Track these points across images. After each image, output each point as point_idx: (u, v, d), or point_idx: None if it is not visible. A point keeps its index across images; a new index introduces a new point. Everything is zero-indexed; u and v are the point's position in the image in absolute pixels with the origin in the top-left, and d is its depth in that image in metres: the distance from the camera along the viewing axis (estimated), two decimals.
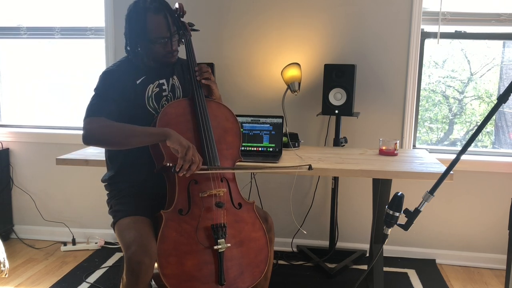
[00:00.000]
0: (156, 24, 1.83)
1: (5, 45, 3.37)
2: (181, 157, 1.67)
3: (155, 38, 1.85)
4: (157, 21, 1.83)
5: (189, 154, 1.67)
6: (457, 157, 1.39)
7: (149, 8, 1.82)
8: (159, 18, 1.83)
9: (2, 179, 3.25)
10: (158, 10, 1.83)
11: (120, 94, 1.85)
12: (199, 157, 1.71)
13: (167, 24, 1.84)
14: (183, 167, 1.66)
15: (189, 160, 1.67)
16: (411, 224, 1.47)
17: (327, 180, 3.05)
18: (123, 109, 1.86)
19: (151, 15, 1.82)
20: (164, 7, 1.85)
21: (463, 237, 2.97)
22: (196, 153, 1.70)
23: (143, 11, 1.83)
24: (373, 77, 2.91)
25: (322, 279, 2.70)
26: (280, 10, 2.93)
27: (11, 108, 3.44)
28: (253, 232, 1.82)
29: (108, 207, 1.97)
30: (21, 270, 2.81)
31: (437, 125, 3.18)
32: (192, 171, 1.68)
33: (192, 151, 1.68)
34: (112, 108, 1.82)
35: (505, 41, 2.98)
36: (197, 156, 1.71)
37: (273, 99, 2.99)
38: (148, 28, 1.83)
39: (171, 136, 1.70)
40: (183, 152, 1.67)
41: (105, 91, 1.85)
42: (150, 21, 1.83)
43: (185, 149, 1.68)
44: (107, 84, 1.86)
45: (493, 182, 2.89)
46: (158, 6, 1.84)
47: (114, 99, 1.83)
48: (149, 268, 1.59)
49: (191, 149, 1.68)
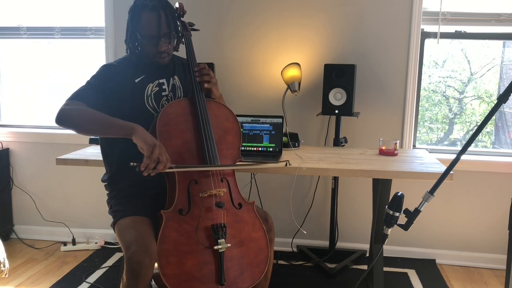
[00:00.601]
0: (147, 21, 1.84)
1: (5, 45, 3.37)
2: (146, 156, 1.61)
3: (143, 35, 1.86)
4: (149, 18, 1.83)
5: (155, 153, 1.61)
6: (457, 157, 1.39)
7: (147, 5, 1.84)
8: (152, 16, 1.83)
9: (2, 179, 3.25)
10: (154, 8, 1.83)
11: (116, 90, 1.86)
12: (166, 157, 1.65)
13: (158, 23, 1.83)
14: (149, 167, 1.60)
15: (154, 160, 1.61)
16: (411, 224, 1.47)
17: (327, 180, 3.05)
18: (119, 106, 1.86)
19: (146, 11, 1.84)
20: (162, 7, 1.85)
21: (463, 237, 2.97)
22: (163, 152, 1.65)
23: (140, 7, 1.85)
24: (373, 77, 2.91)
25: (322, 279, 2.70)
26: (280, 10, 2.93)
27: (11, 108, 3.44)
28: (253, 232, 1.82)
29: (108, 207, 1.97)
30: (21, 270, 2.81)
31: (437, 125, 3.18)
32: (158, 171, 1.63)
33: (158, 150, 1.62)
34: (99, 99, 1.82)
35: (505, 41, 2.98)
36: (165, 155, 1.65)
37: (273, 99, 2.99)
38: (140, 24, 1.85)
39: (137, 132, 1.66)
40: (149, 151, 1.61)
41: (97, 82, 1.87)
42: (143, 17, 1.84)
43: (151, 147, 1.62)
44: (103, 77, 1.88)
45: (493, 182, 2.89)
46: (156, 4, 1.84)
47: (105, 92, 1.84)
48: (149, 268, 1.59)
49: (157, 148, 1.62)
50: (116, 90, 1.86)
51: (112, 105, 1.85)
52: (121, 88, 1.88)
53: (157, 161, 1.62)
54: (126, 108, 1.88)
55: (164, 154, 1.64)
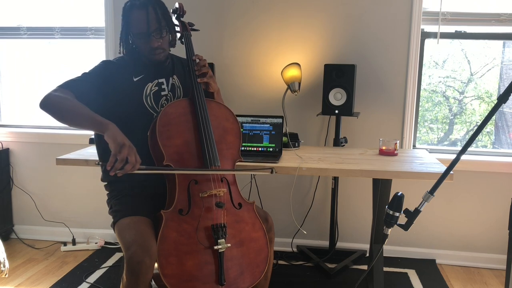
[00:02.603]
0: (136, 20, 1.84)
1: (5, 45, 3.37)
2: (113, 154, 1.57)
3: (135, 34, 1.87)
4: (138, 16, 1.84)
5: (123, 152, 1.57)
6: (457, 157, 1.39)
7: (135, 4, 1.85)
8: (140, 14, 1.84)
9: (2, 179, 3.25)
10: (142, 6, 1.84)
11: (114, 87, 1.87)
12: (136, 159, 1.61)
13: (147, 19, 1.83)
14: (115, 166, 1.56)
15: (122, 159, 1.56)
16: (411, 224, 1.47)
17: (327, 180, 3.05)
18: (117, 104, 1.86)
19: (134, 10, 1.85)
20: (150, 4, 1.85)
21: (463, 237, 2.97)
22: (132, 153, 1.60)
23: (129, 7, 1.86)
24: (373, 77, 2.91)
25: (322, 279, 2.70)
26: (280, 10, 2.93)
27: (11, 108, 3.44)
28: (253, 232, 1.82)
29: (108, 207, 1.97)
30: (21, 270, 2.81)
31: (437, 125, 3.18)
32: (126, 171, 1.59)
33: (127, 150, 1.58)
34: (90, 93, 1.82)
35: (505, 41, 2.98)
36: (134, 156, 1.60)
37: (273, 99, 2.99)
38: (131, 24, 1.86)
39: (109, 130, 1.63)
40: (116, 149, 1.57)
41: (93, 76, 1.87)
42: (133, 16, 1.85)
43: (119, 146, 1.58)
44: (101, 72, 1.89)
45: (493, 182, 2.89)
46: (144, 2, 1.85)
47: (100, 87, 1.84)
48: (149, 268, 1.59)
49: (126, 148, 1.58)
50: (114, 87, 1.87)
51: (109, 102, 1.85)
52: (119, 85, 1.88)
53: (124, 161, 1.58)
54: (124, 106, 1.88)
55: (133, 156, 1.60)
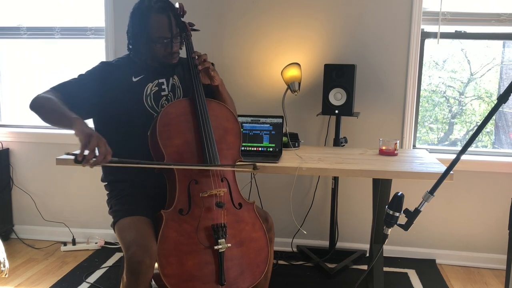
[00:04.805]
0: (158, 24, 1.83)
1: (5, 45, 3.37)
2: (83, 145, 1.53)
3: (156, 38, 1.85)
4: (160, 21, 1.83)
5: (92, 142, 1.53)
6: (457, 157, 1.39)
7: (153, 7, 1.83)
8: (162, 18, 1.83)
9: (2, 179, 3.25)
10: (162, 9, 1.83)
11: (112, 88, 1.87)
12: (106, 149, 1.56)
13: (169, 24, 1.84)
14: (87, 158, 1.51)
15: (92, 150, 1.52)
16: (411, 224, 1.47)
17: (327, 180, 3.05)
18: (116, 105, 1.87)
19: (154, 14, 1.83)
20: (169, 8, 1.86)
21: (463, 237, 2.97)
22: (102, 144, 1.55)
23: (147, 10, 1.83)
24: (373, 77, 2.91)
25: (322, 279, 2.70)
26: (280, 10, 2.93)
27: (11, 108, 3.44)
28: (253, 232, 1.82)
29: (108, 207, 1.97)
30: (21, 270, 2.81)
31: (437, 125, 3.18)
32: (98, 163, 1.55)
33: (96, 140, 1.54)
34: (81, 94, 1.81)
35: (505, 41, 2.98)
36: (104, 147, 1.55)
37: (273, 99, 2.99)
38: (150, 27, 1.84)
39: (76, 124, 1.59)
40: (85, 140, 1.53)
41: (86, 77, 1.88)
42: (153, 20, 1.83)
43: (87, 137, 1.54)
44: (96, 73, 1.89)
45: (493, 182, 2.89)
46: (162, 5, 1.84)
47: (93, 87, 1.84)
48: (149, 268, 1.59)
49: (94, 138, 1.54)
50: (111, 88, 1.87)
51: (106, 102, 1.86)
52: (117, 86, 1.88)
53: (94, 151, 1.54)
54: (124, 106, 1.88)
55: (103, 146, 1.55)
